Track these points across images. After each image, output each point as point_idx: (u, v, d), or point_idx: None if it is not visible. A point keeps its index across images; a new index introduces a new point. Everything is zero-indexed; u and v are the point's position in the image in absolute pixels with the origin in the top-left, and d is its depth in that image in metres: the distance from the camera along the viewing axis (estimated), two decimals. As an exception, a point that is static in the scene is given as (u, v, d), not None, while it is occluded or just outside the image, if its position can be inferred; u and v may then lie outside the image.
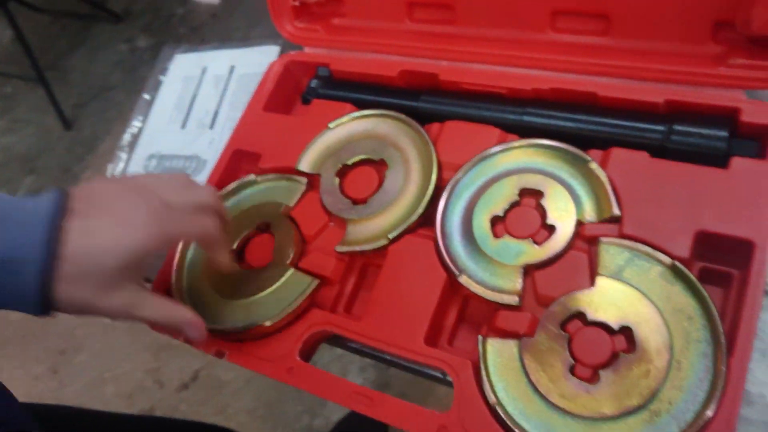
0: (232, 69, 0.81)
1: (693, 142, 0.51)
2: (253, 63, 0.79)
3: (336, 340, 0.59)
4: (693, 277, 0.46)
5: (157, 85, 0.84)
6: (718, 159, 0.50)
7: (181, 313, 0.51)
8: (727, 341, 0.44)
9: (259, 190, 0.65)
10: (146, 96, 0.84)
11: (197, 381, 1.78)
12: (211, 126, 0.78)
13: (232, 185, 0.65)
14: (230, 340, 0.58)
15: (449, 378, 0.50)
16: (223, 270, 0.55)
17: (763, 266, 0.45)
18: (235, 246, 0.62)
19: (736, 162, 0.49)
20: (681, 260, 0.47)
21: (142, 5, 2.60)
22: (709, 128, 0.51)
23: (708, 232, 0.48)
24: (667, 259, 0.48)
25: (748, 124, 0.51)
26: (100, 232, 0.44)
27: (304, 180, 0.63)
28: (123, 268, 0.45)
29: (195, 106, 0.80)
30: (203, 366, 1.79)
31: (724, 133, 0.50)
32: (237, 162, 0.68)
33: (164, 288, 0.62)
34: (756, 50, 0.51)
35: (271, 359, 0.55)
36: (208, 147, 0.76)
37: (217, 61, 0.82)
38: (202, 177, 0.74)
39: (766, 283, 0.45)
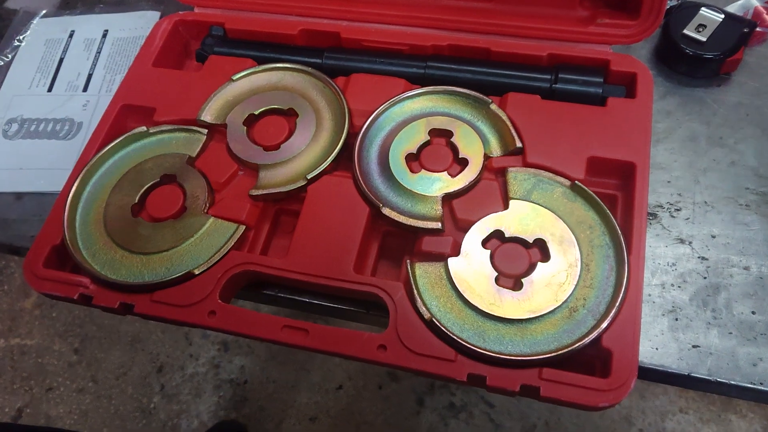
0: (105, 33, 0.76)
1: (575, 88, 0.59)
2: (131, 27, 0.75)
3: (252, 289, 0.57)
4: (591, 193, 0.53)
5: (14, 49, 0.76)
6: (596, 99, 0.58)
7: None
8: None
9: (152, 142, 0.62)
10: (-2, 61, 0.76)
11: (20, 420, 1.57)
12: (85, 89, 0.72)
13: (120, 138, 0.61)
14: (135, 291, 0.53)
15: (372, 313, 0.51)
16: None
17: (645, 183, 0.53)
18: (136, 199, 0.58)
19: (612, 101, 0.58)
20: (578, 181, 0.54)
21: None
22: (587, 75, 0.59)
23: (598, 157, 0.55)
24: (566, 181, 0.54)
25: (616, 72, 0.60)
26: None
27: (204, 131, 0.61)
28: None
29: (63, 69, 0.74)
30: (27, 403, 1.58)
31: (599, 79, 0.59)
32: (125, 117, 0.64)
33: (52, 245, 0.56)
34: (618, 13, 0.61)
35: (188, 305, 0.52)
36: (82, 109, 0.70)
37: (87, 24, 0.77)
38: (78, 138, 0.68)
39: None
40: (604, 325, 0.47)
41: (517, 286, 0.51)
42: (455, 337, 0.48)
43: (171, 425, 1.52)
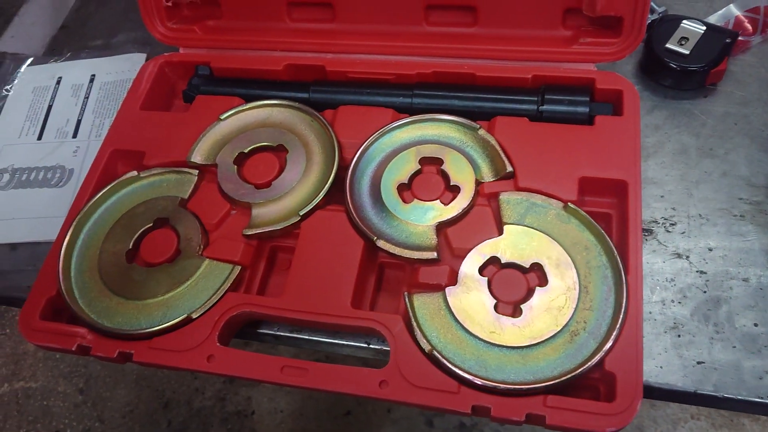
0: (92, 77, 0.76)
1: (563, 108, 0.59)
2: (117, 70, 0.76)
3: (252, 327, 0.57)
4: (584, 214, 0.53)
5: (2, 98, 0.76)
6: (584, 119, 0.58)
7: None
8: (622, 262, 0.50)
9: (143, 185, 0.62)
10: (-13, 112, 0.76)
11: (28, 466, 1.55)
12: (75, 135, 0.72)
13: (111, 184, 0.61)
14: (133, 339, 0.53)
15: (372, 345, 0.51)
16: None
17: (638, 200, 0.53)
18: (130, 245, 0.57)
19: (600, 120, 0.58)
20: (571, 203, 0.54)
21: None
22: (573, 95, 0.59)
23: (589, 177, 0.55)
24: (559, 204, 0.54)
25: (602, 90, 0.60)
26: None
27: (195, 171, 0.61)
28: None
29: (52, 116, 0.74)
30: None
31: (586, 98, 0.59)
32: (115, 162, 0.64)
33: (48, 296, 0.55)
34: (600, 31, 0.61)
35: (186, 350, 0.52)
36: (72, 156, 0.70)
37: (73, 70, 0.77)
38: (69, 186, 0.68)
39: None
40: (607, 347, 0.47)
41: (516, 312, 0.50)
42: (457, 369, 0.47)
43: (180, 461, 1.50)
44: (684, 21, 0.64)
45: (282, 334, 0.57)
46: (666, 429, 1.40)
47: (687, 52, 0.62)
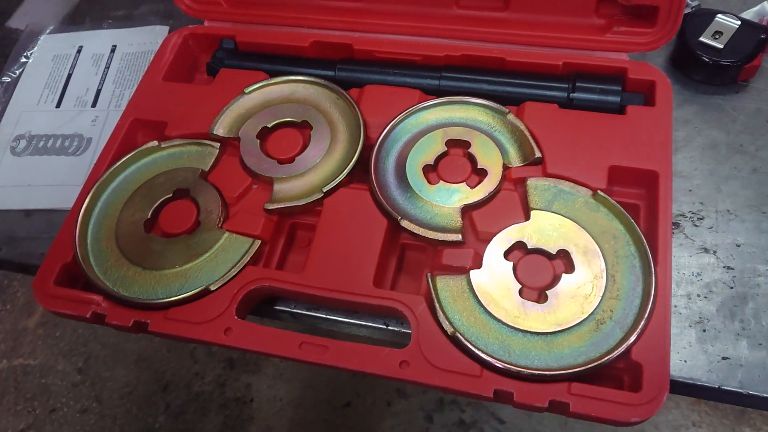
0: (113, 48, 0.75)
1: (593, 97, 0.58)
2: (139, 42, 0.75)
3: (268, 304, 0.56)
4: (614, 202, 0.52)
5: (21, 65, 0.75)
6: (614, 108, 0.57)
7: None
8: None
9: (163, 156, 0.61)
10: (6, 78, 0.75)
11: (24, 443, 1.54)
12: (94, 104, 0.71)
13: (132, 153, 0.60)
14: (149, 309, 0.52)
15: (391, 327, 0.50)
16: None
17: (669, 191, 0.52)
18: (149, 215, 0.56)
19: (631, 109, 0.57)
20: (600, 191, 0.53)
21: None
22: (605, 84, 0.58)
23: (619, 167, 0.54)
24: (587, 191, 0.53)
25: (634, 80, 0.59)
26: None
27: (217, 144, 0.60)
28: None
29: (71, 85, 0.73)
30: (30, 424, 1.55)
31: (618, 88, 0.58)
32: (135, 132, 0.63)
33: (63, 262, 0.55)
34: (634, 20, 0.60)
35: (203, 322, 0.51)
36: (91, 125, 0.69)
37: (94, 40, 0.76)
38: (87, 155, 0.67)
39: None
40: (633, 337, 0.46)
41: (541, 298, 0.49)
42: (480, 352, 0.46)
43: (176, 445, 1.49)
44: (719, 15, 0.63)
45: (299, 311, 0.56)
46: (667, 434, 1.39)
47: (721, 46, 0.62)
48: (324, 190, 0.55)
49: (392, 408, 1.48)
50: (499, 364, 0.46)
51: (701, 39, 0.62)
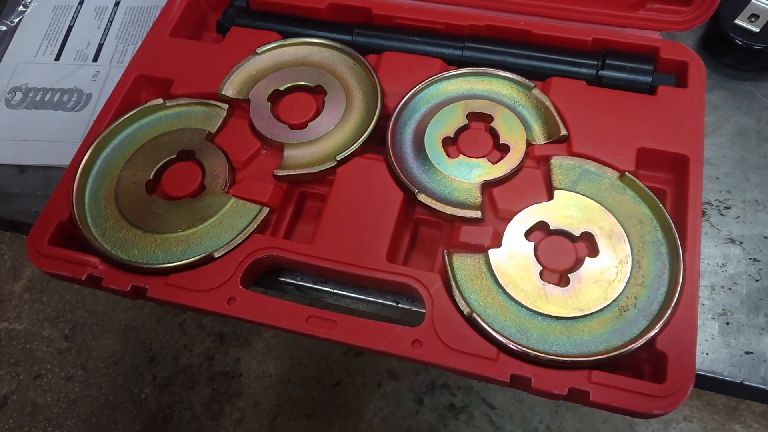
0: (118, 1, 0.72)
1: (624, 75, 0.55)
2: (145, -3, 0.71)
3: (273, 275, 0.53)
4: (642, 185, 0.49)
5: (19, 14, 0.71)
6: (645, 88, 0.55)
7: None
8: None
9: (168, 115, 0.58)
10: (2, 27, 0.71)
11: (6, 407, 1.52)
12: (95, 59, 0.68)
13: (135, 110, 0.57)
14: (148, 274, 0.49)
15: (401, 305, 0.48)
16: None
17: (699, 176, 0.50)
18: (151, 175, 0.54)
19: (662, 90, 0.54)
20: (628, 173, 0.50)
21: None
22: (636, 63, 0.56)
23: (649, 149, 0.51)
24: (614, 173, 0.51)
25: (665, 60, 0.56)
26: None
27: (225, 106, 0.57)
28: None
29: (72, 37, 0.70)
30: (13, 390, 1.53)
31: (649, 67, 0.55)
32: (139, 88, 0.60)
33: (58, 221, 0.52)
34: (669, -2, 0.57)
35: (206, 290, 0.48)
36: (91, 80, 0.66)
37: (98, -9, 0.73)
38: (86, 111, 0.64)
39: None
40: (658, 326, 0.44)
41: (563, 281, 0.47)
42: (497, 334, 0.44)
43: (162, 417, 1.47)
44: (755, -2, 0.60)
45: (305, 284, 0.53)
46: (657, 429, 1.39)
47: (757, 30, 0.59)
48: (337, 159, 0.52)
49: (382, 389, 1.46)
50: (516, 348, 0.44)
51: (736, 21, 0.60)
